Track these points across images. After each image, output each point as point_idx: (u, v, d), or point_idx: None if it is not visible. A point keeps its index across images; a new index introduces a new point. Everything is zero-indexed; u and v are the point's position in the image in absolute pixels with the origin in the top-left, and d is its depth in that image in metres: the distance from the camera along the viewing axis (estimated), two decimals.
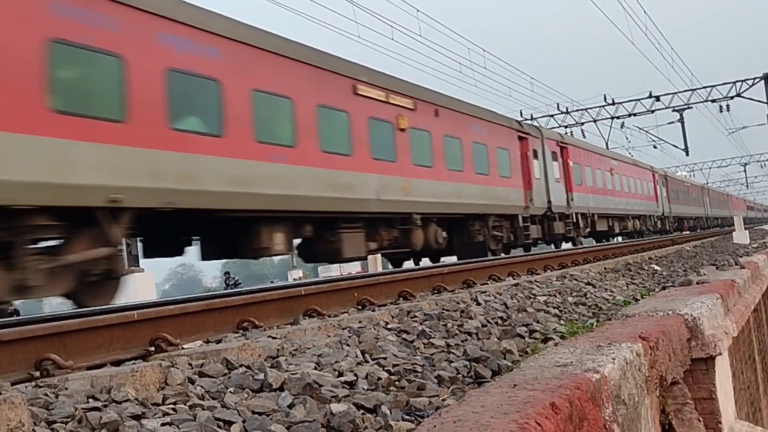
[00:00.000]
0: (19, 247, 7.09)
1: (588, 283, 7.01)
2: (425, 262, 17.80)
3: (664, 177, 38.67)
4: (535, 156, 20.51)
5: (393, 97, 13.74)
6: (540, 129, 22.89)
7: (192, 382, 2.73)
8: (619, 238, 30.63)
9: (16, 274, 7.00)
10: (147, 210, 8.38)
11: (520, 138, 19.61)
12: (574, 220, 23.15)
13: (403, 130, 13.86)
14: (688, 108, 35.72)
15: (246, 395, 2.53)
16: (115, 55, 8.12)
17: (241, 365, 2.93)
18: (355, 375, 2.82)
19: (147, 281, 15.72)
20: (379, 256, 14.64)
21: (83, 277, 7.83)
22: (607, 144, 36.61)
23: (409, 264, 17.86)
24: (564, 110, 37.31)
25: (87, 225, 7.77)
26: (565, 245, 23.12)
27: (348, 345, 3.51)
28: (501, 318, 4.56)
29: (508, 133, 18.96)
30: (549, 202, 21.02)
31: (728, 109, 35.35)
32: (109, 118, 7.96)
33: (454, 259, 16.84)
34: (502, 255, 17.20)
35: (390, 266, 18.07)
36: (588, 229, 25.14)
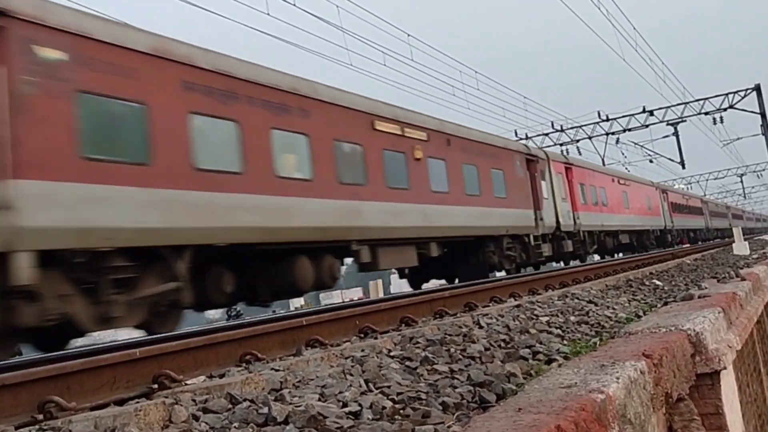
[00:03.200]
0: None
1: (590, 302, 6.98)
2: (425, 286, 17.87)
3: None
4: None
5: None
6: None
7: (196, 418, 2.72)
8: (621, 253, 30.63)
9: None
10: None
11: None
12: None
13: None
14: (682, 121, 35.83)
15: (251, 430, 2.52)
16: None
17: (245, 399, 2.91)
18: (360, 405, 2.80)
19: None
20: (380, 281, 14.73)
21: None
22: (603, 160, 36.67)
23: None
24: (558, 128, 37.42)
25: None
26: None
27: (351, 374, 3.49)
28: (504, 341, 4.54)
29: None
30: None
31: (722, 121, 35.55)
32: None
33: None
34: (504, 276, 17.28)
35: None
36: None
